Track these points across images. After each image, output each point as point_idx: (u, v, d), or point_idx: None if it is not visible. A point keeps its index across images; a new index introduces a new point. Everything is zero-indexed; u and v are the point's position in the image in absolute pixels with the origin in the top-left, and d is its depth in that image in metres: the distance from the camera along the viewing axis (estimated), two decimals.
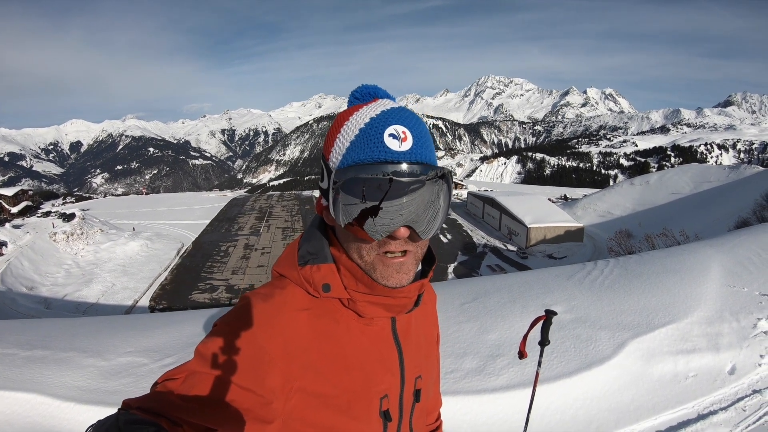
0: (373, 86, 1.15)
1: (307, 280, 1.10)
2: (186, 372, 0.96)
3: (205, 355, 0.98)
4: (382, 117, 1.01)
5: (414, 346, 1.25)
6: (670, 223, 38.61)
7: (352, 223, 0.97)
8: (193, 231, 75.08)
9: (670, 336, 4.99)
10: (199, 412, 0.90)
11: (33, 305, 45.85)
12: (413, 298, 1.13)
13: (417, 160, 0.97)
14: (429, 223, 0.99)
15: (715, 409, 4.25)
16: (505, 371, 4.47)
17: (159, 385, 0.96)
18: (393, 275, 1.04)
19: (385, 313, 1.13)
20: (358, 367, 1.11)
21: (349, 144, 1.00)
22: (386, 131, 0.98)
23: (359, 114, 1.04)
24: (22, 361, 5.07)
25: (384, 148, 0.96)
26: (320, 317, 1.09)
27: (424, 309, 1.34)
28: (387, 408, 1.17)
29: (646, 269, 6.68)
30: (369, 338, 1.14)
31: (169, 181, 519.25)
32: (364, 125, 1.00)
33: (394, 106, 1.05)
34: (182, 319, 6.77)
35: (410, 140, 0.98)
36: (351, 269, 1.08)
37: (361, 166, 0.96)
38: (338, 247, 1.11)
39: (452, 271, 51.84)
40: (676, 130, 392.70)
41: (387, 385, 1.17)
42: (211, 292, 47.79)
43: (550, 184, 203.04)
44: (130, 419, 0.75)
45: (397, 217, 0.95)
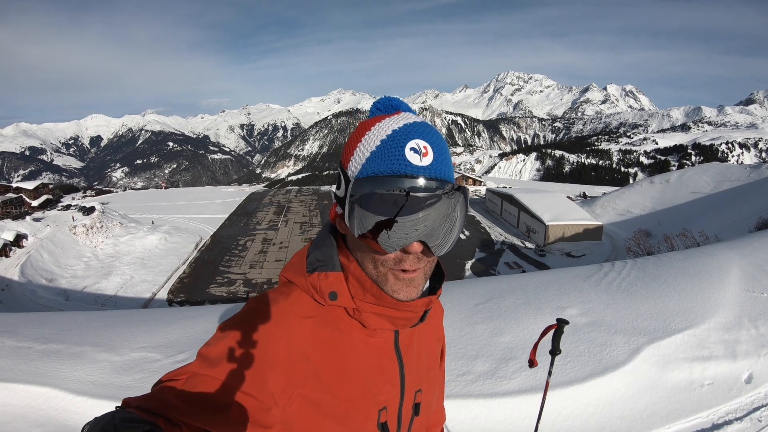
0: (396, 99, 1.13)
1: (315, 288, 1.09)
2: (188, 374, 0.97)
3: (208, 357, 0.99)
4: (405, 130, 1.00)
5: (415, 360, 1.24)
6: (689, 222, 38.18)
7: (366, 234, 0.97)
8: (211, 225, 75.71)
9: (686, 342, 4.89)
10: (198, 414, 0.91)
11: (52, 297, 46.57)
12: (419, 313, 1.12)
13: (436, 176, 0.96)
14: (444, 237, 0.98)
15: (731, 419, 4.15)
16: (518, 375, 4.42)
17: (160, 386, 0.96)
18: (403, 289, 1.04)
19: (389, 325, 1.12)
20: (358, 378, 1.10)
21: (369, 154, 0.99)
22: (408, 145, 0.97)
23: (381, 125, 1.04)
24: (37, 354, 5.14)
25: (404, 161, 0.95)
26: (324, 325, 1.08)
27: (429, 322, 1.32)
28: (385, 420, 1.16)
29: (663, 272, 6.57)
30: (371, 349, 1.13)
31: (188, 176, 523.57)
32: (386, 137, 1.00)
33: (416, 120, 1.05)
34: (196, 315, 6.81)
35: (431, 155, 0.97)
36: (360, 279, 1.07)
37: (381, 178, 0.95)
38: (348, 255, 1.11)
39: (470, 268, 51.70)
40: (696, 128, 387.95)
41: (386, 396, 1.16)
42: (228, 286, 48.17)
43: (569, 182, 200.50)
44: (126, 417, 0.74)
45: (413, 231, 0.94)
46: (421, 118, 1.08)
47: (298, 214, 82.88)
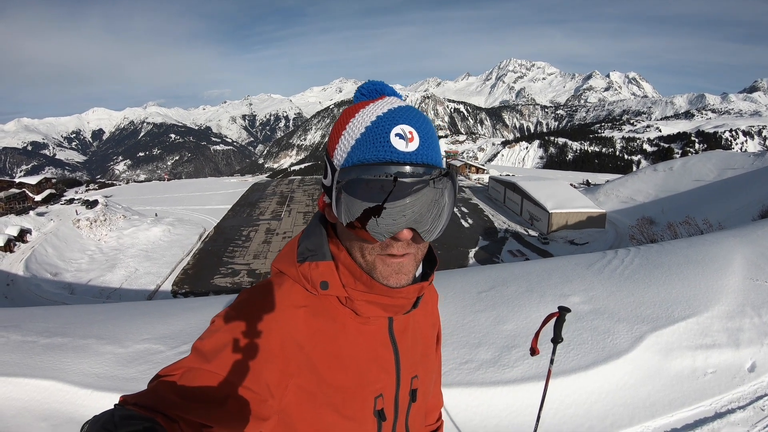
0: (380, 83, 1.11)
1: (305, 277, 1.09)
2: (183, 368, 0.95)
3: (202, 351, 0.98)
4: (389, 115, 0.98)
5: (411, 346, 1.24)
6: (693, 210, 37.91)
7: (354, 223, 0.95)
8: (214, 216, 75.99)
9: (689, 330, 4.88)
10: (195, 409, 0.89)
11: (57, 291, 46.86)
12: (412, 299, 1.11)
13: (423, 162, 0.95)
14: (433, 222, 0.97)
15: (733, 408, 4.15)
16: (520, 363, 4.42)
17: (156, 382, 0.95)
18: (392, 275, 1.03)
19: (382, 312, 1.11)
20: (353, 366, 1.10)
21: (354, 142, 0.98)
22: (393, 131, 0.95)
23: (365, 111, 1.02)
24: (41, 348, 5.17)
25: (390, 148, 0.94)
26: (317, 315, 1.08)
27: (424, 308, 1.33)
28: (382, 407, 1.16)
29: (667, 260, 6.55)
30: (365, 337, 1.13)
31: (191, 167, 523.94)
32: (370, 123, 0.98)
33: (401, 105, 1.03)
34: (200, 306, 6.83)
35: (417, 141, 0.96)
36: (350, 267, 1.07)
37: (366, 166, 0.93)
38: (338, 244, 1.10)
39: (473, 256, 51.85)
40: (700, 116, 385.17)
41: (382, 384, 1.16)
42: (232, 277, 48.44)
43: (573, 169, 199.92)
44: (125, 414, 0.74)
45: (401, 218, 0.93)
46: (405, 102, 1.06)
47: (301, 203, 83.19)
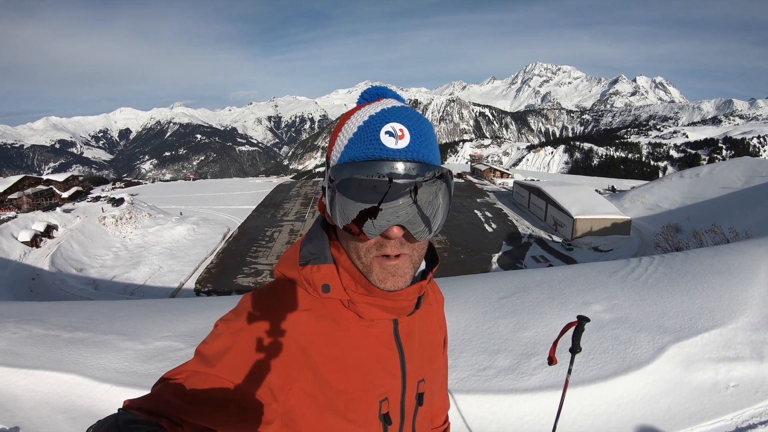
0: (382, 88, 1.13)
1: (307, 281, 1.10)
2: (186, 372, 0.96)
3: (206, 355, 0.99)
4: (381, 115, 1.00)
5: (417, 349, 1.24)
6: (719, 218, 37.24)
7: (348, 225, 0.97)
8: (239, 216, 76.62)
9: (712, 342, 4.76)
10: (198, 413, 0.90)
11: (82, 286, 47.62)
12: (412, 301, 1.13)
13: (414, 159, 0.95)
14: (426, 223, 0.98)
15: (755, 423, 4.03)
16: (539, 371, 4.37)
17: (159, 386, 0.95)
18: (389, 278, 1.03)
19: (385, 315, 1.12)
20: (357, 369, 1.10)
21: (348, 142, 1.00)
22: (383, 129, 0.97)
23: (360, 113, 1.04)
24: (63, 342, 5.26)
25: (379, 145, 0.95)
26: (321, 318, 1.09)
27: (429, 311, 1.34)
28: (387, 411, 1.16)
29: (691, 269, 6.42)
30: (370, 340, 1.13)
31: (216, 167, 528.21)
32: (362, 123, 1.00)
33: (395, 105, 1.04)
34: (221, 304, 6.89)
35: (407, 138, 0.96)
36: (350, 270, 1.08)
37: (357, 164, 0.95)
38: (338, 247, 1.11)
39: (496, 260, 51.72)
40: (728, 122, 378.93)
41: (387, 387, 1.16)
42: (255, 277, 48.78)
43: (598, 175, 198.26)
44: (130, 419, 0.75)
45: (393, 217, 0.93)
46: (403, 104, 1.07)
47: None
